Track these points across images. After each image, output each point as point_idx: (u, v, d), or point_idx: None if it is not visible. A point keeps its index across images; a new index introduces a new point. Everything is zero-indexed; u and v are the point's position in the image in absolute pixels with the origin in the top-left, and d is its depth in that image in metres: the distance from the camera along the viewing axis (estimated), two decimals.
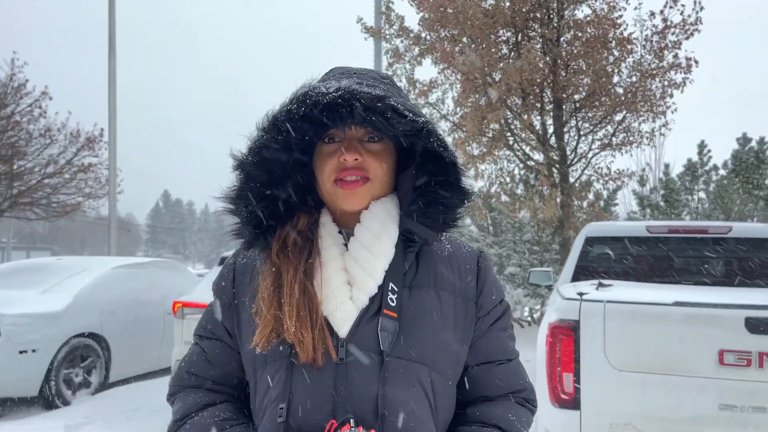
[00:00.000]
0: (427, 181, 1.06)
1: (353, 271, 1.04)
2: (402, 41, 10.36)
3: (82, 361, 6.09)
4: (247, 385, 1.11)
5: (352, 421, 0.96)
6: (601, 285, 3.27)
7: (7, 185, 14.05)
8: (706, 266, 4.48)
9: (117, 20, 13.12)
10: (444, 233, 1.12)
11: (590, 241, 4.73)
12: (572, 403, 3.00)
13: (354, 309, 1.02)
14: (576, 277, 4.49)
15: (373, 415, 0.97)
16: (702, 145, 12.38)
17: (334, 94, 0.96)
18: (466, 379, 1.11)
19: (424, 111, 10.64)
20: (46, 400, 5.70)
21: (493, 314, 1.14)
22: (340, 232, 1.09)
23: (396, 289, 1.04)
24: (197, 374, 1.13)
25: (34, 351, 5.53)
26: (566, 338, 3.01)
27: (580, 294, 3.08)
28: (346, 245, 1.08)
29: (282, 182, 1.06)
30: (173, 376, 1.17)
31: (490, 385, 1.12)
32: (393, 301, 1.03)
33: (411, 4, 10.04)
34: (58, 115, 14.81)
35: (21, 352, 5.43)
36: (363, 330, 1.01)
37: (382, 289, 1.03)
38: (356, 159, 1.02)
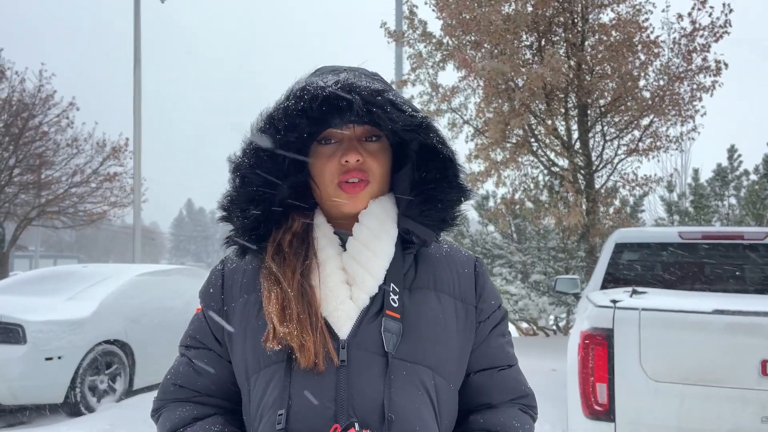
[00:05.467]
0: (424, 178, 1.05)
1: (352, 269, 1.01)
2: (425, 46, 10.32)
3: (106, 369, 6.10)
4: (239, 395, 1.06)
5: (357, 425, 0.91)
6: (635, 292, 3.17)
7: (35, 194, 14.29)
8: (741, 273, 4.33)
9: (142, 31, 13.30)
10: (441, 235, 1.10)
11: (620, 248, 4.62)
12: (606, 414, 2.90)
13: (354, 309, 0.99)
14: (605, 284, 4.37)
15: (378, 419, 0.93)
16: (732, 150, 12.09)
17: (333, 87, 0.93)
18: (467, 385, 1.09)
19: (447, 116, 10.59)
20: (71, 407, 5.71)
21: (492, 319, 1.12)
22: (335, 233, 1.06)
23: (398, 290, 1.01)
24: (184, 386, 1.07)
25: (59, 358, 5.55)
26: (599, 347, 2.91)
27: (614, 301, 2.98)
28: (342, 246, 1.05)
29: (276, 185, 1.02)
30: (159, 390, 1.11)
31: (492, 391, 1.09)
32: (395, 302, 1.00)
33: (433, 9, 10.00)
34: (85, 125, 15.05)
35: (47, 359, 5.46)
36: (365, 331, 0.98)
37: (383, 289, 1.01)
38: (358, 160, 1.00)
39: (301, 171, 1.05)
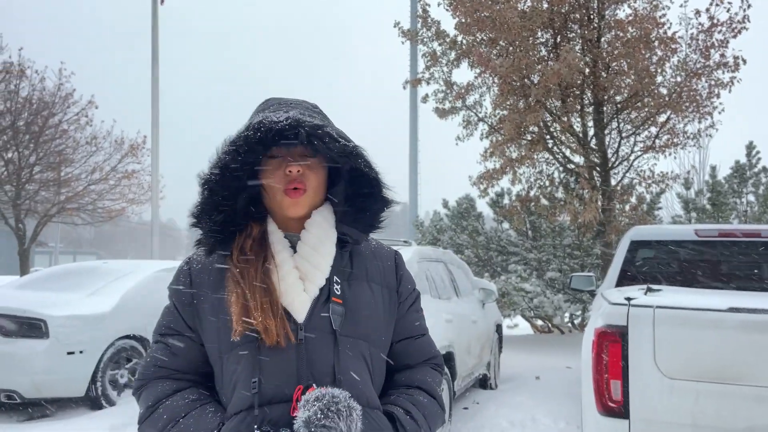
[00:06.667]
0: (356, 192, 1.35)
1: (304, 268, 1.28)
2: (439, 45, 10.31)
3: (127, 363, 6.21)
4: (210, 372, 1.30)
5: (314, 385, 1.18)
6: (649, 290, 3.18)
7: (55, 191, 14.51)
8: (758, 271, 4.31)
9: (160, 28, 13.43)
10: (370, 234, 1.40)
11: (636, 245, 4.61)
12: (620, 411, 2.91)
13: (308, 299, 1.26)
14: (620, 281, 4.37)
15: (331, 381, 1.21)
16: (750, 147, 11.95)
17: (284, 122, 1.21)
18: (392, 351, 1.39)
19: (461, 113, 10.60)
20: (92, 400, 5.83)
21: (409, 300, 1.44)
22: (285, 237, 1.32)
23: (339, 281, 1.30)
24: (163, 366, 1.30)
25: (81, 352, 5.66)
26: (614, 345, 2.93)
27: (628, 299, 2.99)
28: (292, 247, 1.31)
29: (237, 195, 1.28)
30: (139, 371, 1.33)
31: (410, 355, 1.42)
32: (338, 291, 1.29)
33: (447, 9, 9.99)
34: (103, 123, 15.25)
35: (69, 354, 5.57)
36: (317, 315, 1.25)
37: (329, 281, 1.29)
38: (298, 170, 1.26)
39: (253, 186, 1.29)
